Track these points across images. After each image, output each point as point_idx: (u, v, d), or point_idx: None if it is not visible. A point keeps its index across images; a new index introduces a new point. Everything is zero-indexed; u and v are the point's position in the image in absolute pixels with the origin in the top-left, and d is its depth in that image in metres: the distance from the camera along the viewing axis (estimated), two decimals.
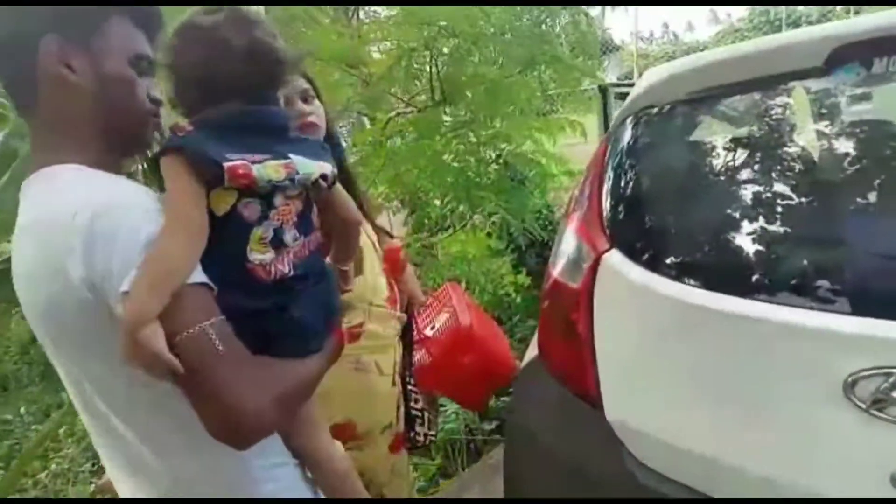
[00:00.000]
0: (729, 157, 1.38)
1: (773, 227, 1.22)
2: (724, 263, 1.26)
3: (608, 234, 1.43)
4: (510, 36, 3.44)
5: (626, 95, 2.75)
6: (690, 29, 57.89)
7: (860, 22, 1.19)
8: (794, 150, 1.31)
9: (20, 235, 0.89)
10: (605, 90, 2.65)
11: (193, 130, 0.90)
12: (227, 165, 0.86)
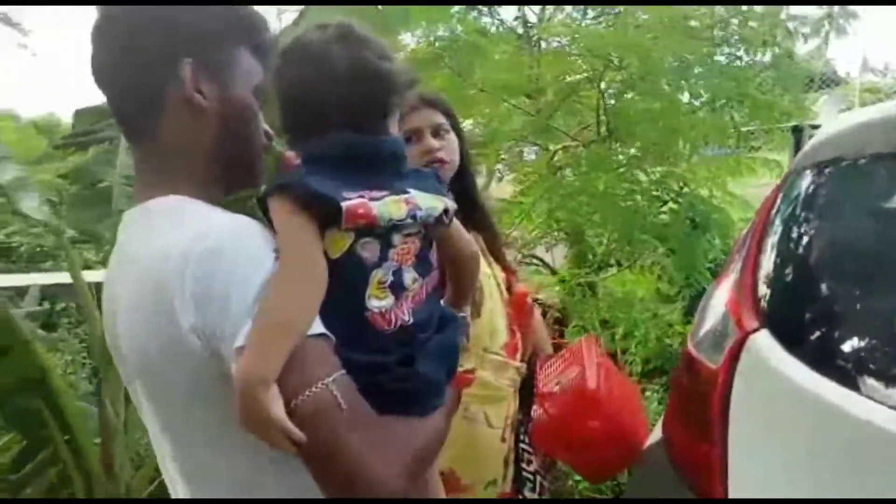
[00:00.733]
0: None
1: None
2: None
3: (761, 309, 1.19)
4: (697, 69, 3.16)
5: None
6: None
7: None
8: None
9: (124, 266, 0.86)
10: (800, 130, 2.27)
11: (302, 165, 0.85)
12: (345, 206, 0.78)
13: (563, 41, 3.89)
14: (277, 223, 0.80)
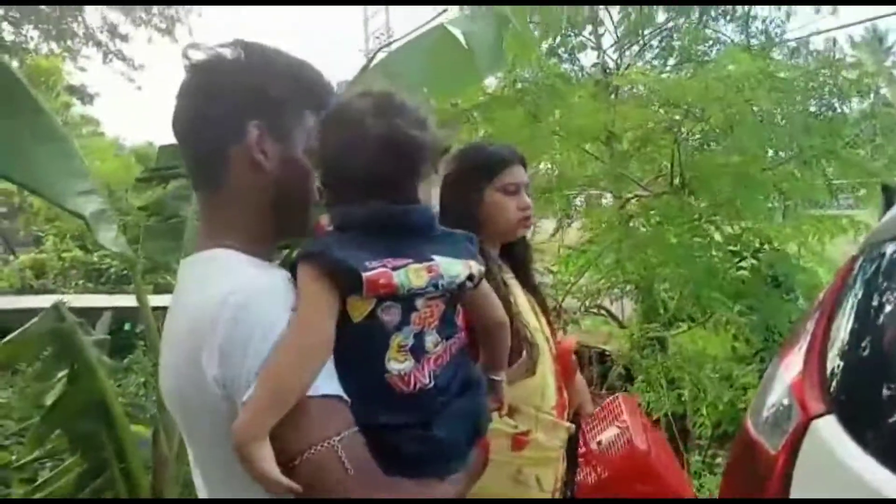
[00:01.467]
0: None
1: None
2: None
3: (828, 390, 1.09)
4: (782, 122, 3.02)
5: None
6: None
7: None
8: None
9: (174, 309, 0.92)
10: (890, 190, 2.11)
11: (333, 232, 0.89)
12: (366, 276, 0.81)
13: (640, 89, 3.84)
14: (299, 288, 0.83)
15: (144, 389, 3.72)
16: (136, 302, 2.12)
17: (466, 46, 2.15)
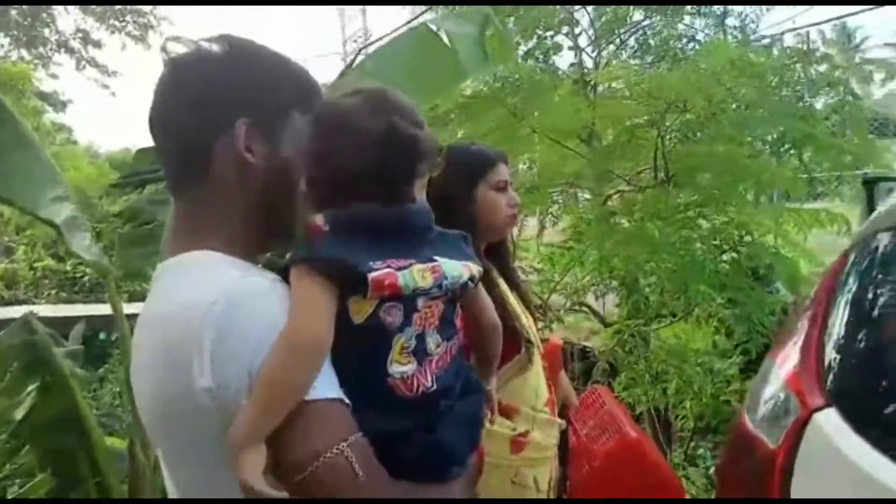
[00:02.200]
0: None
1: None
2: None
3: (826, 385, 1.08)
4: (759, 111, 3.04)
5: None
6: None
7: None
8: None
9: (150, 323, 0.86)
10: (872, 183, 2.12)
11: (329, 234, 0.84)
12: (371, 277, 0.78)
13: (620, 85, 3.84)
14: (294, 289, 0.79)
15: (119, 399, 3.63)
16: (110, 310, 2.05)
17: (450, 45, 2.12)
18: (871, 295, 1.17)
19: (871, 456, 0.94)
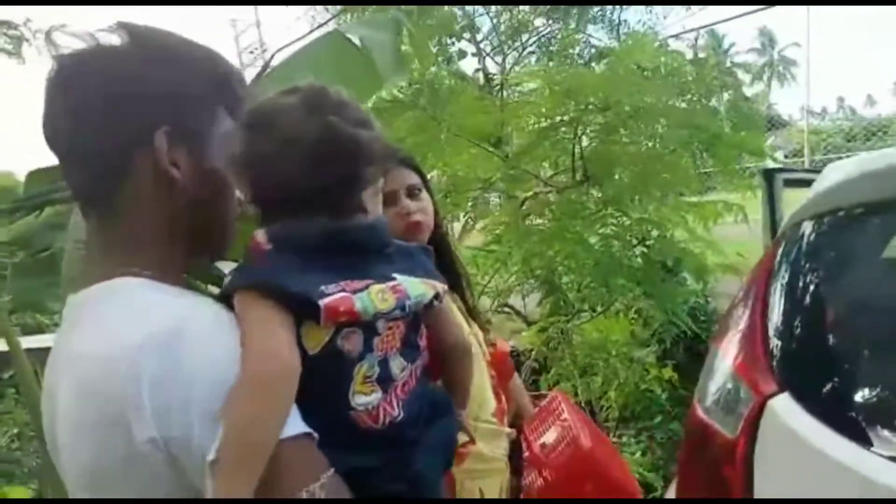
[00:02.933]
0: None
1: None
2: None
3: (776, 371, 1.12)
4: (662, 120, 3.19)
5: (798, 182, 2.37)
6: (871, 103, 52.82)
7: None
8: None
9: (68, 364, 0.73)
10: (770, 173, 2.28)
11: (273, 253, 0.75)
12: (324, 304, 0.70)
13: (532, 86, 3.92)
14: (243, 321, 0.70)
15: (18, 442, 3.28)
16: (5, 346, 1.83)
17: (366, 52, 2.07)
18: (803, 282, 1.23)
19: (826, 435, 0.97)
